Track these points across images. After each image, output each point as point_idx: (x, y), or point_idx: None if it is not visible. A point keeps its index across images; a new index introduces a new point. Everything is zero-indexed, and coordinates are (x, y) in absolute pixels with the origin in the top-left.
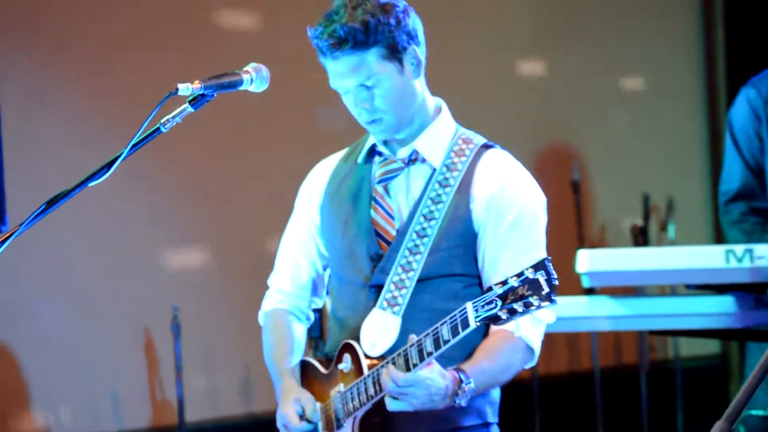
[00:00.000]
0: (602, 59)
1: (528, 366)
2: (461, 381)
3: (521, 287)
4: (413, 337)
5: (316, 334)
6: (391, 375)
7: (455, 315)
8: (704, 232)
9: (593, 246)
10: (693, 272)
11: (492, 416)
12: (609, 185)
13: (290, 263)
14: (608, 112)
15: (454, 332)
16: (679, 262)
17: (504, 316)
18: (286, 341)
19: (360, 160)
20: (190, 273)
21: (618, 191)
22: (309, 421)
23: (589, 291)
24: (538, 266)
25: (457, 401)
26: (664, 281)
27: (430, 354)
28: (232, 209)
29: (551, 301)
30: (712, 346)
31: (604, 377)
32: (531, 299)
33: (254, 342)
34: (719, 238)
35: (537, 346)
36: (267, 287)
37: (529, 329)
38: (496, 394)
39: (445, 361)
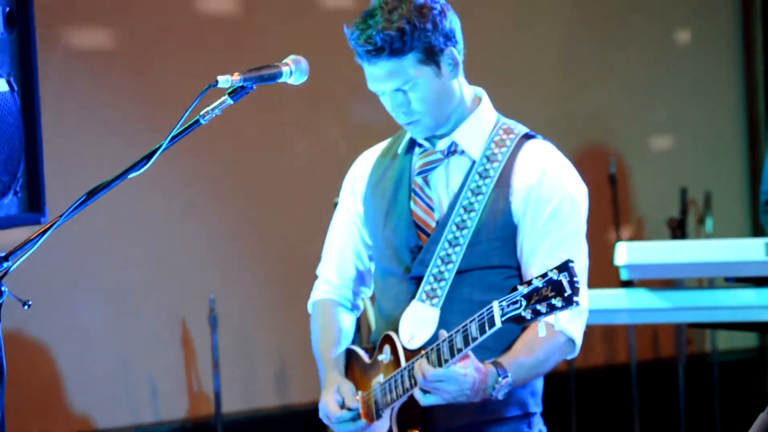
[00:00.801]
0: (640, 53)
1: (569, 357)
2: (498, 375)
3: (545, 288)
4: (443, 333)
5: None
6: (422, 369)
7: (483, 313)
8: (741, 226)
9: (630, 239)
10: (732, 265)
11: (534, 406)
12: (646, 179)
13: (336, 254)
14: (646, 106)
15: (482, 330)
16: (719, 255)
17: (528, 317)
18: (332, 332)
19: (401, 151)
20: (227, 265)
21: (655, 185)
22: (349, 410)
23: (627, 284)
24: (561, 268)
25: (493, 395)
26: (703, 274)
27: (459, 350)
28: (269, 202)
29: (574, 303)
30: (749, 339)
31: (641, 370)
32: (554, 301)
33: (290, 334)
34: (757, 232)
35: (578, 338)
36: (305, 278)
37: (570, 322)
38: (538, 383)
39: (483, 351)
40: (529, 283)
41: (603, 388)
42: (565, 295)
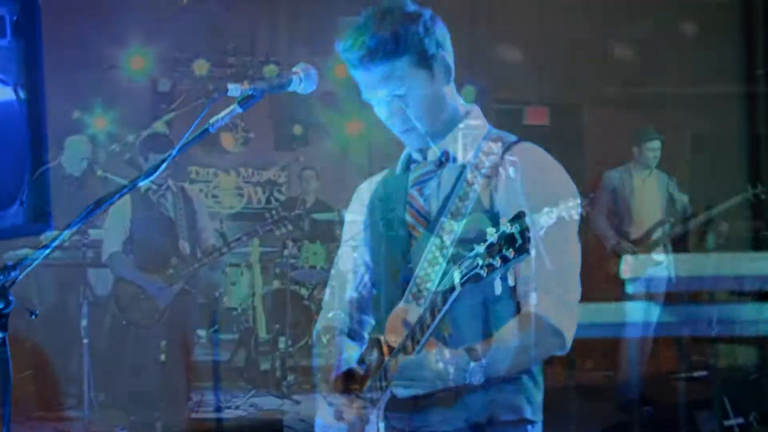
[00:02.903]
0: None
1: (559, 352)
2: (470, 359)
3: (499, 243)
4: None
5: None
6: (395, 362)
7: (445, 281)
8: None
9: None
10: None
11: (531, 414)
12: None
13: (338, 281)
14: None
15: (444, 299)
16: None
17: (484, 274)
18: (330, 360)
19: (398, 171)
20: None
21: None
22: (331, 405)
23: (632, 297)
24: (514, 219)
25: (466, 379)
26: (708, 287)
27: (428, 326)
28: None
29: (525, 253)
30: None
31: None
32: (506, 252)
33: None
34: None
35: (565, 329)
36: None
37: (552, 309)
38: (536, 394)
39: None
40: (485, 240)
41: (604, 400)
42: (517, 245)
